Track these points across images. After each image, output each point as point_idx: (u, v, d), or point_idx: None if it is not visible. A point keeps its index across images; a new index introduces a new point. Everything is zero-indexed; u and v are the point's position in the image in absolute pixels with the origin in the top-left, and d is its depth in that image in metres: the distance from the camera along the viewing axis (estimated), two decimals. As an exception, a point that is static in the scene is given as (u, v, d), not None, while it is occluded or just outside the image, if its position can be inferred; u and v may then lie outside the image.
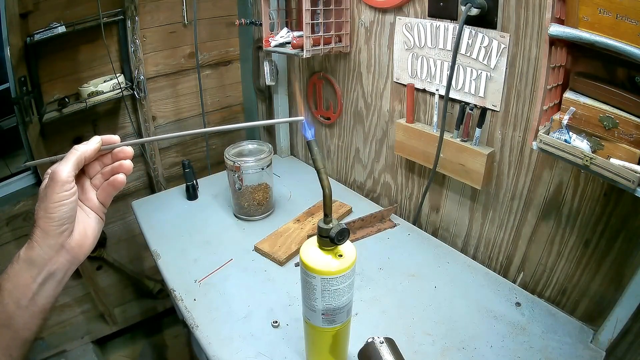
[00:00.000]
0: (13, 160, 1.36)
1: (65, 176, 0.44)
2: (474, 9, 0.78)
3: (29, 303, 0.45)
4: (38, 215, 0.45)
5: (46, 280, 0.46)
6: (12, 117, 1.24)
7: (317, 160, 0.53)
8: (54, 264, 0.46)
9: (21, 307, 0.45)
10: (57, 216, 0.44)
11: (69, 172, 0.45)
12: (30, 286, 0.45)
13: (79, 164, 0.46)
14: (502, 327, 0.78)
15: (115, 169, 0.51)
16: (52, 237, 0.45)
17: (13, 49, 1.10)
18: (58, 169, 0.44)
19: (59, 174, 0.44)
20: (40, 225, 0.44)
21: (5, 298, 0.44)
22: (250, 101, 1.68)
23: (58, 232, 0.45)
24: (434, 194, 1.07)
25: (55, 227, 0.45)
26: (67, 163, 0.45)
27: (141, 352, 1.76)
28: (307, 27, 1.00)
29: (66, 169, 0.44)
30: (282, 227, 1.07)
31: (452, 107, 0.94)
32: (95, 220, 0.51)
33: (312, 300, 0.59)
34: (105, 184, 0.51)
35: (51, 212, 0.44)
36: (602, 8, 0.53)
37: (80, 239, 0.48)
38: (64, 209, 0.44)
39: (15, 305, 0.45)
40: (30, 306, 0.45)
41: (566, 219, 0.82)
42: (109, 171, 0.51)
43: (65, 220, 0.45)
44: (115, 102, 1.37)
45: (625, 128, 0.57)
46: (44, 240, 0.45)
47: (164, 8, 1.37)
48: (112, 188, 0.51)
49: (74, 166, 0.45)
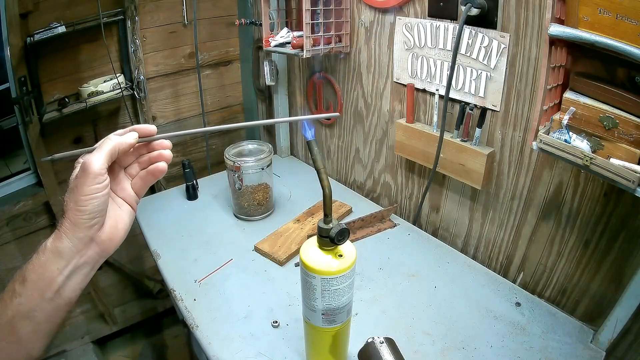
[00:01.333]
0: (13, 160, 1.36)
1: (97, 168, 0.42)
2: (474, 9, 0.78)
3: (54, 295, 0.43)
4: (67, 207, 0.42)
5: (73, 272, 0.44)
6: (12, 117, 1.24)
7: (317, 160, 0.53)
8: (82, 256, 0.44)
9: (45, 299, 0.43)
10: (88, 209, 0.42)
11: (102, 164, 0.42)
12: (57, 278, 0.43)
13: (112, 155, 0.44)
14: (502, 327, 0.78)
15: (154, 158, 0.49)
16: (82, 230, 0.43)
17: (13, 49, 1.10)
18: (90, 159, 0.42)
19: (91, 165, 0.41)
20: (70, 218, 0.42)
21: (29, 289, 0.42)
22: (250, 101, 1.68)
23: (88, 225, 0.43)
24: (434, 194, 1.07)
25: (85, 221, 0.43)
26: (100, 154, 0.42)
27: (141, 352, 1.76)
28: (307, 27, 1.00)
29: (99, 160, 0.42)
30: (282, 227, 1.07)
31: (452, 107, 0.94)
32: (127, 212, 0.49)
33: (312, 300, 0.59)
34: (144, 172, 0.49)
35: (82, 205, 0.42)
36: (602, 8, 0.53)
37: (111, 232, 0.46)
38: (95, 202, 0.42)
39: (39, 297, 0.43)
40: (56, 298, 0.43)
41: (566, 219, 0.82)
42: (147, 160, 0.49)
43: (96, 214, 0.43)
44: (115, 102, 1.37)
45: (625, 128, 0.57)
46: (73, 232, 0.43)
47: (164, 8, 1.37)
48: (152, 177, 0.49)
49: (107, 158, 0.43)
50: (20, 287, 0.43)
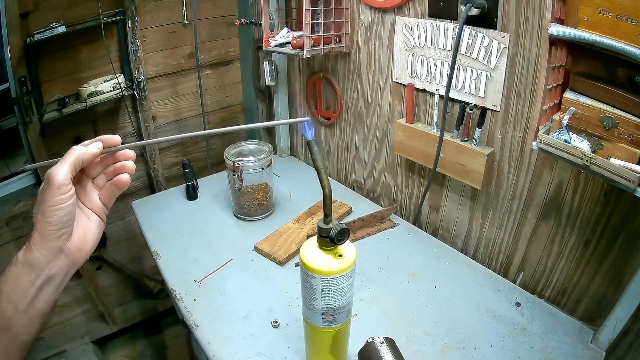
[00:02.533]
0: (13, 160, 1.36)
1: (61, 179, 0.43)
2: (474, 9, 0.78)
3: (28, 307, 0.44)
4: (36, 219, 0.43)
5: (45, 284, 0.45)
6: (12, 117, 1.24)
7: (317, 160, 0.53)
8: (53, 267, 0.45)
9: (19, 310, 0.44)
10: (54, 220, 0.43)
11: (65, 175, 0.43)
12: (29, 290, 0.44)
13: (76, 165, 0.45)
14: (502, 327, 0.78)
15: (117, 169, 0.50)
16: (50, 241, 0.44)
17: (13, 49, 1.10)
18: (54, 171, 0.43)
19: (55, 176, 0.43)
20: (38, 229, 0.43)
21: (3, 302, 0.43)
22: (250, 101, 1.68)
23: (56, 237, 0.44)
24: (434, 194, 1.07)
25: (53, 232, 0.44)
26: (63, 165, 0.44)
27: (141, 352, 1.76)
28: (307, 27, 1.00)
29: (62, 171, 0.43)
30: (282, 227, 1.07)
31: (452, 107, 0.94)
32: (96, 222, 0.50)
33: (312, 300, 0.59)
34: (109, 184, 0.50)
35: (48, 216, 0.43)
36: (602, 8, 0.53)
37: (80, 243, 0.47)
38: (61, 212, 0.43)
39: (13, 309, 0.44)
40: (29, 310, 0.45)
41: (566, 219, 0.82)
42: (112, 171, 0.50)
43: (63, 224, 0.44)
44: (115, 102, 1.37)
45: (625, 128, 0.57)
46: (42, 244, 0.44)
47: (164, 8, 1.37)
48: (116, 188, 0.50)
49: (70, 168, 0.44)
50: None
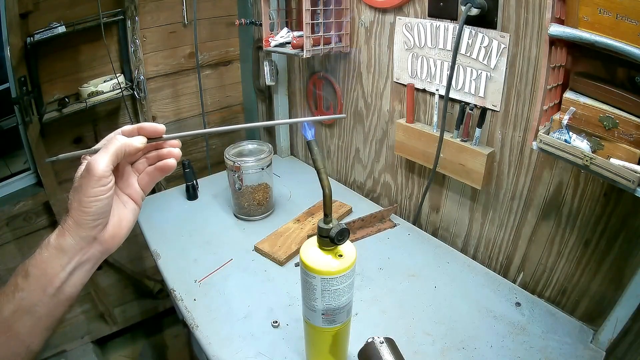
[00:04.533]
0: (13, 160, 1.36)
1: (102, 170, 0.41)
2: (474, 9, 0.78)
3: (56, 291, 0.43)
4: (71, 206, 0.42)
5: (75, 269, 0.44)
6: (12, 117, 1.24)
7: (317, 160, 0.53)
8: (85, 254, 0.44)
9: (47, 294, 0.43)
10: (91, 211, 0.42)
11: (107, 166, 0.42)
12: (59, 274, 0.43)
13: (118, 157, 0.43)
14: (502, 327, 0.78)
15: (163, 155, 0.48)
16: (85, 230, 0.43)
17: (13, 49, 1.10)
18: (95, 161, 0.41)
19: (96, 167, 0.41)
20: (74, 217, 0.42)
21: (31, 284, 0.42)
22: (250, 101, 1.68)
23: (92, 226, 0.43)
24: (434, 194, 1.07)
25: (89, 221, 0.43)
26: (105, 155, 0.42)
27: (141, 352, 1.76)
28: (307, 27, 1.00)
29: (103, 162, 0.41)
30: (282, 227, 1.07)
31: (452, 107, 0.94)
32: (132, 209, 0.48)
33: (312, 300, 0.59)
34: (152, 168, 0.49)
35: (85, 206, 0.42)
36: (602, 8, 0.53)
37: (114, 231, 0.46)
38: (99, 204, 0.42)
39: (41, 292, 0.43)
40: (57, 294, 0.44)
41: (566, 219, 0.82)
42: (155, 156, 0.49)
43: (100, 216, 0.43)
44: (115, 102, 1.37)
45: (625, 128, 0.57)
46: (77, 231, 0.43)
47: (164, 8, 1.37)
48: (160, 173, 0.49)
49: (112, 159, 0.42)
50: (23, 281, 0.43)
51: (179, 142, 0.49)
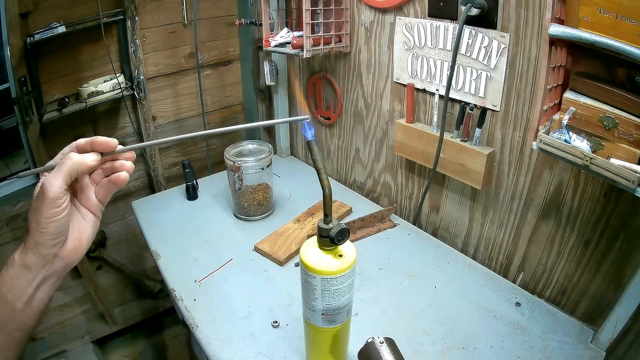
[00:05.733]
0: (13, 160, 1.36)
1: (55, 192, 0.42)
2: (474, 9, 0.78)
3: (25, 306, 0.45)
4: (31, 226, 0.43)
5: (41, 284, 0.45)
6: (12, 117, 1.23)
7: (317, 160, 0.53)
8: (49, 270, 0.45)
9: (16, 310, 0.45)
10: (49, 232, 0.43)
11: (60, 187, 0.42)
12: (26, 290, 0.44)
13: (71, 176, 0.43)
14: (502, 327, 0.78)
15: (116, 167, 0.49)
16: (45, 248, 0.44)
17: (13, 49, 1.10)
18: (49, 182, 0.42)
19: (49, 188, 0.41)
20: (33, 236, 0.43)
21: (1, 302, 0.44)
22: (250, 101, 1.68)
23: (51, 245, 0.44)
24: (434, 194, 1.07)
25: (47, 241, 0.43)
26: (58, 176, 0.42)
27: (141, 352, 1.76)
28: (307, 27, 1.00)
29: (57, 183, 0.42)
30: (282, 227, 1.07)
31: (452, 107, 0.94)
32: (91, 222, 0.49)
33: (312, 300, 0.59)
34: (106, 181, 0.49)
35: (43, 227, 0.42)
36: (602, 8, 0.53)
37: (74, 245, 0.47)
38: (55, 225, 0.43)
39: (10, 308, 0.44)
40: (26, 309, 0.45)
41: (566, 219, 0.82)
42: (110, 168, 0.49)
43: (58, 235, 0.44)
44: (115, 102, 1.37)
45: (625, 128, 0.57)
46: (37, 249, 0.44)
47: (164, 8, 1.37)
48: (114, 186, 0.49)
49: (65, 179, 0.42)
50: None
51: (133, 155, 0.49)
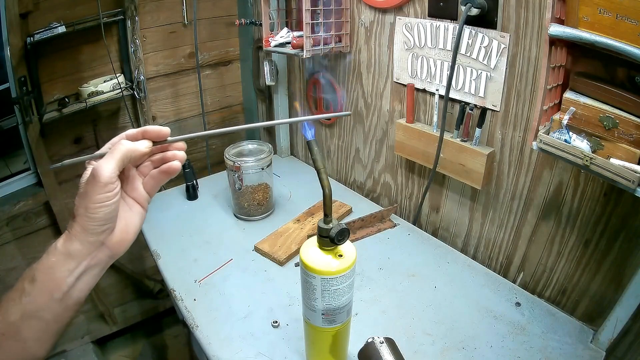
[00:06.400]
0: (13, 160, 1.36)
1: (108, 176, 0.41)
2: (474, 9, 0.78)
3: (63, 296, 0.43)
4: (78, 212, 0.42)
5: (83, 274, 0.44)
6: (12, 117, 1.24)
7: (317, 160, 0.53)
8: (94, 259, 0.44)
9: (54, 299, 0.43)
10: (98, 217, 0.42)
11: (112, 172, 0.41)
12: (66, 279, 0.43)
13: (123, 162, 0.43)
14: (502, 327, 0.78)
15: (168, 158, 0.48)
16: (93, 235, 0.43)
17: (13, 49, 1.10)
18: (101, 167, 0.41)
19: (102, 173, 0.41)
20: (80, 223, 0.42)
21: (37, 289, 0.42)
22: (250, 101, 1.68)
23: (99, 232, 0.43)
24: (434, 194, 1.07)
25: (95, 227, 0.42)
26: (110, 161, 0.41)
27: (141, 352, 1.76)
28: (307, 27, 1.00)
29: (109, 167, 0.41)
30: (282, 227, 1.07)
31: (452, 107, 0.94)
32: (138, 213, 0.48)
33: (312, 300, 0.59)
34: (156, 172, 0.48)
35: (92, 212, 0.41)
36: (602, 8, 0.53)
37: (121, 235, 0.46)
38: (105, 210, 0.42)
39: (48, 297, 0.43)
40: (65, 299, 0.43)
41: (566, 219, 0.82)
42: (160, 159, 0.48)
43: (107, 221, 0.43)
44: (115, 102, 1.37)
45: (625, 128, 0.57)
46: (84, 236, 0.42)
47: (164, 8, 1.37)
48: (166, 175, 0.48)
49: (118, 165, 0.42)
50: (30, 286, 0.43)
51: (184, 145, 0.49)
